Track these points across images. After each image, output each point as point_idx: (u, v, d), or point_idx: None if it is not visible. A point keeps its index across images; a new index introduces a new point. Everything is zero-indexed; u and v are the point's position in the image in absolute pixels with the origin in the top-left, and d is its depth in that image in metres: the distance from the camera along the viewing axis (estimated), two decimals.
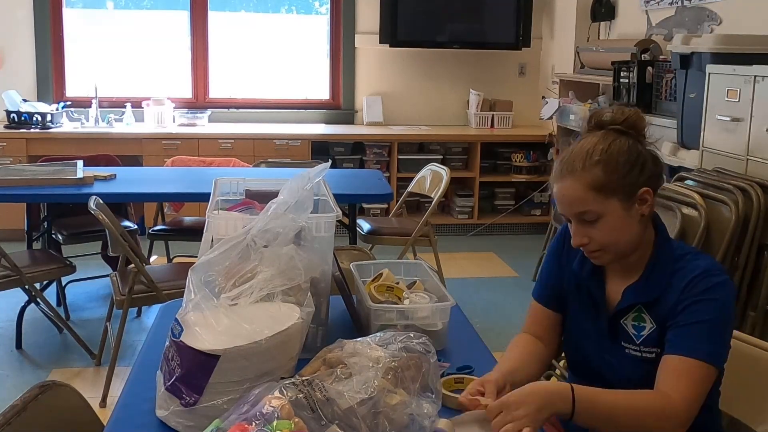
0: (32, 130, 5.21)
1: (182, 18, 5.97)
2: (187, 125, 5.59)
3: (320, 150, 5.60)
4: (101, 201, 3.09)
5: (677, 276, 1.49)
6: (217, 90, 6.09)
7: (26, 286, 3.46)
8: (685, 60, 3.26)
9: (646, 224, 1.53)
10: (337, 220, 1.70)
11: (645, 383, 1.49)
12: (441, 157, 5.76)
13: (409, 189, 4.46)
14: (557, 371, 2.53)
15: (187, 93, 6.02)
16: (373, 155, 5.70)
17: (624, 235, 1.50)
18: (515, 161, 5.85)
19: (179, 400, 1.34)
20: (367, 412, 1.21)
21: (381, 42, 5.85)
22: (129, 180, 3.79)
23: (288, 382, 1.22)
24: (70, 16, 5.82)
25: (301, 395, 1.19)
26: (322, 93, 6.22)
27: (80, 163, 3.73)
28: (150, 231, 4.23)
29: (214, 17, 6.01)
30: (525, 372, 1.57)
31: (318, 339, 1.68)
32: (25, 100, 5.41)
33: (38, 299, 3.55)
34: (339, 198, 1.90)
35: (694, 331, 1.43)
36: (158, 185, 3.82)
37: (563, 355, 1.84)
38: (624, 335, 1.54)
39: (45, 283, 3.85)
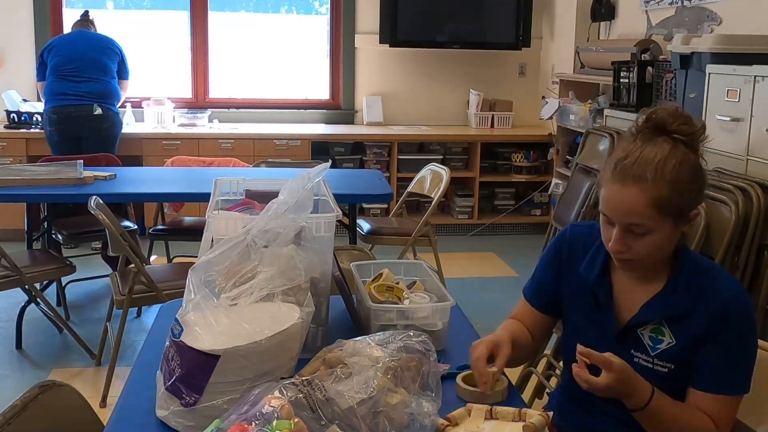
0: (32, 130, 5.20)
1: (182, 18, 5.97)
2: (187, 125, 5.59)
3: (320, 150, 5.60)
4: (101, 201, 3.09)
5: (705, 295, 1.46)
6: (217, 90, 6.09)
7: (26, 286, 3.46)
8: (685, 60, 3.26)
9: None
10: (337, 220, 1.70)
11: None
12: (441, 157, 5.76)
13: (409, 189, 4.46)
14: (557, 371, 2.53)
15: (187, 93, 6.02)
16: (373, 155, 5.70)
17: (663, 252, 1.48)
18: (515, 161, 5.85)
19: (179, 400, 1.34)
20: (367, 412, 1.21)
21: (381, 42, 5.85)
22: (129, 180, 3.79)
23: (288, 382, 1.22)
24: (70, 16, 5.80)
25: (300, 395, 1.19)
26: (322, 93, 6.22)
27: (80, 163, 3.73)
28: (150, 231, 4.23)
29: (214, 17, 6.01)
30: (519, 347, 1.60)
31: (318, 339, 1.68)
32: (25, 100, 5.41)
33: (38, 299, 3.55)
34: (339, 198, 1.90)
35: (730, 367, 1.44)
36: (158, 185, 3.82)
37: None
38: (637, 344, 1.52)
39: (45, 283, 3.85)
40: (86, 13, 4.98)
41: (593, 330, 1.58)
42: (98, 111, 4.64)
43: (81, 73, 4.66)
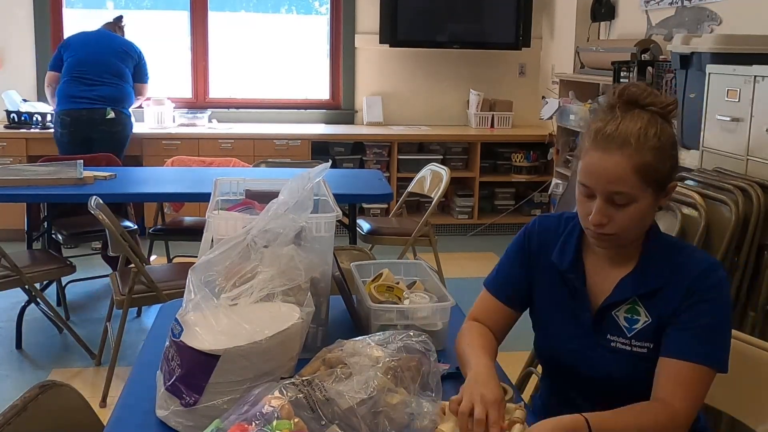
0: (32, 130, 5.21)
1: (182, 18, 5.97)
2: (187, 125, 5.59)
3: (320, 150, 5.60)
4: (101, 201, 3.09)
5: (678, 271, 1.45)
6: (217, 90, 6.09)
7: (26, 286, 3.46)
8: (685, 60, 3.26)
9: None
10: (337, 220, 1.70)
11: (629, 379, 1.47)
12: (441, 157, 5.76)
13: (409, 189, 4.46)
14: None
15: (187, 93, 6.02)
16: (373, 155, 5.70)
17: (642, 225, 1.46)
18: (515, 161, 5.85)
19: (179, 400, 1.34)
20: (367, 412, 1.21)
21: (381, 42, 5.85)
22: (129, 180, 3.79)
23: (288, 382, 1.22)
24: (70, 16, 5.81)
25: (301, 395, 1.19)
26: (322, 93, 6.22)
27: (80, 163, 3.73)
28: (150, 231, 4.23)
29: (214, 17, 6.01)
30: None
31: (318, 339, 1.68)
32: (25, 100, 5.41)
33: (38, 299, 3.55)
34: (339, 198, 1.90)
35: (697, 334, 1.41)
36: (158, 185, 3.82)
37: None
38: (613, 328, 1.49)
39: (45, 283, 3.84)
40: (119, 18, 5.01)
41: (569, 319, 1.55)
42: (111, 114, 4.68)
43: (95, 77, 4.68)
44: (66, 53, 4.76)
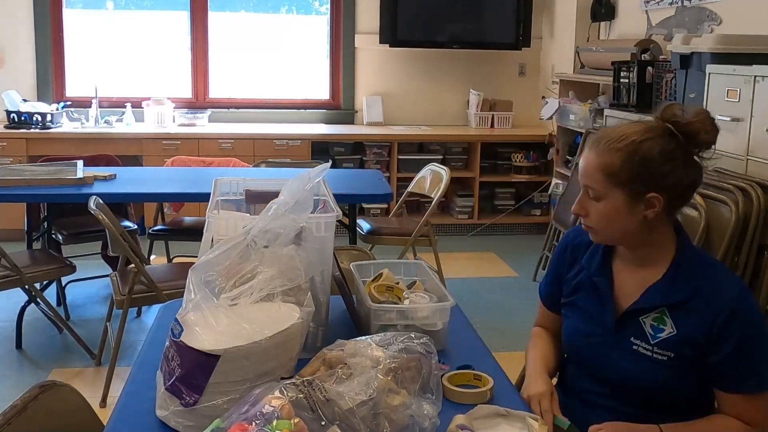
0: (32, 130, 5.21)
1: (182, 18, 5.97)
2: (187, 125, 5.59)
3: (320, 150, 5.60)
4: (101, 201, 3.09)
5: (707, 287, 1.49)
6: (217, 90, 6.09)
7: (26, 286, 3.46)
8: (685, 60, 3.26)
9: (657, 226, 1.53)
10: (337, 220, 1.70)
11: (646, 382, 1.52)
12: (441, 157, 5.76)
13: (409, 189, 4.46)
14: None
15: (187, 93, 6.02)
16: (373, 155, 5.70)
17: (616, 226, 1.52)
18: (515, 161, 5.85)
19: (179, 400, 1.34)
20: (368, 413, 1.21)
21: (381, 42, 5.85)
22: (129, 180, 3.79)
23: (288, 382, 1.22)
24: (70, 16, 5.81)
25: (301, 395, 1.19)
26: (322, 93, 6.22)
27: (80, 163, 3.72)
28: (150, 231, 4.23)
29: (214, 17, 6.01)
30: (554, 368, 1.74)
31: (318, 339, 1.68)
32: (25, 100, 5.41)
33: (38, 299, 3.55)
34: (339, 198, 1.90)
35: (747, 367, 1.46)
36: (158, 185, 3.82)
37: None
38: (638, 332, 1.54)
39: (45, 283, 3.84)
40: None
41: (592, 319, 1.62)
42: None
43: None
44: None
